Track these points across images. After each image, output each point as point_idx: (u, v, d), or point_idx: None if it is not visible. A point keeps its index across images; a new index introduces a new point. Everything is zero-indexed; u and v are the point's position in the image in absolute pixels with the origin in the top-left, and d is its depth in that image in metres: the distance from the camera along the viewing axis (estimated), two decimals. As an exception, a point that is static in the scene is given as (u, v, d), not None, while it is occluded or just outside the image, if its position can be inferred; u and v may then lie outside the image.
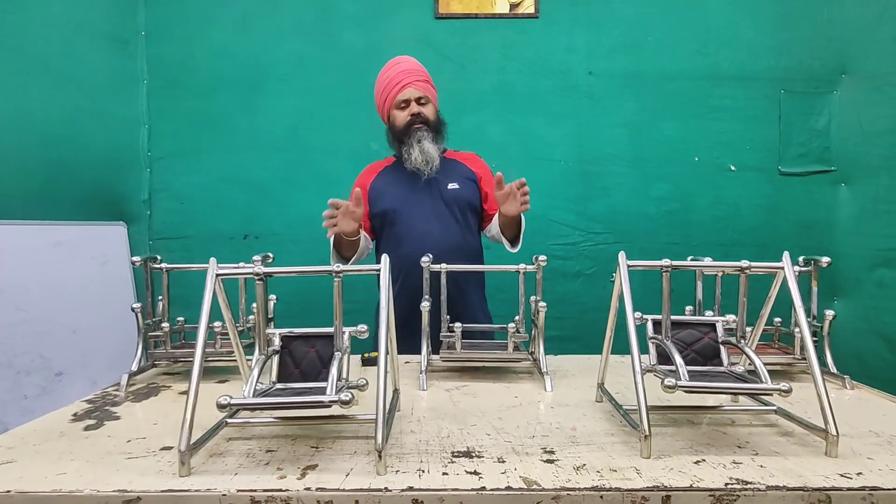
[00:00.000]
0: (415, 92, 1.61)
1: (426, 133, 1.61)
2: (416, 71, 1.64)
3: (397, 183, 1.66)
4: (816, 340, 1.18)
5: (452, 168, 1.69)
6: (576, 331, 2.36)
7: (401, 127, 1.63)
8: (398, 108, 1.64)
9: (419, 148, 1.59)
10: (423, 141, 1.59)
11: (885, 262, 2.24)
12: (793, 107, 2.35)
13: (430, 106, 1.66)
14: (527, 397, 1.07)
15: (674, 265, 0.91)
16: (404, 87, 1.61)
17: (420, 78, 1.64)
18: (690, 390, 0.79)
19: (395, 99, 1.62)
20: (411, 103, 1.62)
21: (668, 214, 2.40)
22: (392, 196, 1.64)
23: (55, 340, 2.00)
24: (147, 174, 2.35)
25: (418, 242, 1.54)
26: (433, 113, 1.66)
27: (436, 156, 1.60)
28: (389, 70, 1.65)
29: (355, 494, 0.67)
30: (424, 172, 1.60)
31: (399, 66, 1.64)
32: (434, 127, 1.64)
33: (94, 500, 0.68)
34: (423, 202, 1.62)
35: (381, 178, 1.71)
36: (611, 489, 0.68)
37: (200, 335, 0.78)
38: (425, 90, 1.64)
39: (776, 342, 1.28)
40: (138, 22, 2.32)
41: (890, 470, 0.72)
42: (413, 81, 1.62)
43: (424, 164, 1.59)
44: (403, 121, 1.63)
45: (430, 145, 1.60)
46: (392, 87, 1.62)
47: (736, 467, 0.74)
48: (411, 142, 1.60)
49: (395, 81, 1.61)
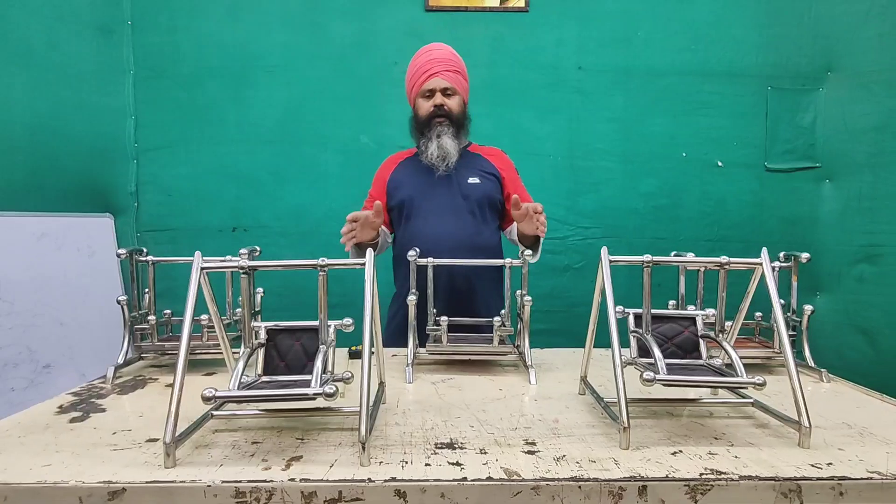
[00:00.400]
0: (441, 82, 1.57)
1: (447, 128, 1.57)
2: (447, 60, 1.59)
3: (416, 174, 1.62)
4: (795, 335, 1.21)
5: (474, 162, 1.65)
6: (564, 324, 2.38)
7: (423, 118, 1.60)
8: (423, 97, 1.60)
9: (437, 143, 1.55)
10: (443, 136, 1.56)
11: (865, 257, 2.28)
12: (779, 104, 2.38)
13: (457, 98, 1.60)
14: (511, 390, 1.08)
15: (655, 261, 0.93)
16: (431, 77, 1.56)
17: (450, 68, 1.58)
18: (668, 383, 0.81)
19: (422, 87, 1.58)
20: (436, 94, 1.57)
21: (655, 209, 2.42)
22: (410, 188, 1.60)
23: (42, 333, 1.99)
24: (134, 166, 2.33)
25: (433, 237, 1.52)
26: (458, 105, 1.61)
27: (453, 152, 1.56)
28: (420, 57, 1.60)
29: (339, 485, 0.69)
30: (440, 168, 1.57)
31: (430, 54, 1.59)
32: (456, 121, 1.60)
33: (79, 491, 0.68)
34: (440, 196, 1.58)
35: (401, 169, 1.68)
36: (589, 479, 0.69)
37: (185, 328, 0.78)
38: (454, 81, 1.58)
39: (757, 336, 1.30)
40: (124, 11, 2.29)
41: (859, 460, 0.75)
42: (441, 71, 1.56)
43: (440, 159, 1.56)
44: (426, 111, 1.59)
45: (450, 140, 1.56)
46: (420, 74, 1.58)
47: (711, 458, 0.76)
48: (430, 135, 1.57)
49: (424, 70, 1.57)
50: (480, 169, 1.64)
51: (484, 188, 1.60)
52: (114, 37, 2.26)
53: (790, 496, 0.69)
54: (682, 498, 0.69)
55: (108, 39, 2.25)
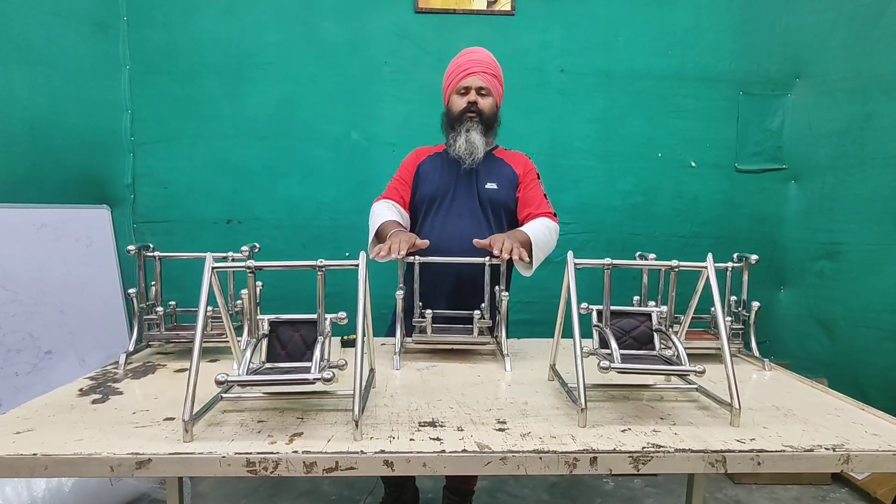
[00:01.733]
0: (477, 81, 1.62)
1: (476, 124, 1.62)
2: (486, 63, 1.64)
3: (440, 172, 1.68)
4: (743, 329, 1.34)
5: (496, 167, 1.69)
6: (544, 315, 2.51)
7: (455, 113, 1.65)
8: (458, 94, 1.65)
9: (466, 137, 1.60)
10: (472, 131, 1.60)
11: (826, 254, 2.44)
12: (750, 108, 2.51)
13: (490, 99, 1.65)
14: (489, 376, 1.21)
15: (614, 263, 1.05)
16: (469, 75, 1.61)
17: (488, 70, 1.63)
18: (621, 371, 0.93)
19: (458, 84, 1.63)
20: (471, 91, 1.62)
21: (632, 207, 2.55)
22: (432, 184, 1.66)
23: (43, 320, 2.08)
24: (130, 159, 2.40)
25: (447, 237, 1.58)
26: (491, 107, 1.66)
27: (480, 148, 1.61)
28: (461, 57, 1.66)
29: (335, 456, 0.80)
30: (465, 161, 1.61)
31: (471, 55, 1.64)
32: (486, 121, 1.65)
33: (111, 461, 0.79)
34: (459, 198, 1.64)
35: (428, 163, 1.73)
36: (548, 452, 0.82)
37: (199, 322, 0.89)
38: (489, 82, 1.63)
39: (712, 328, 1.43)
40: (120, 7, 2.35)
41: (778, 436, 0.88)
42: (479, 71, 1.62)
43: (468, 153, 1.60)
44: (459, 107, 1.64)
45: (478, 136, 1.61)
46: (458, 73, 1.63)
47: (655, 434, 0.88)
48: (460, 129, 1.62)
49: (463, 68, 1.62)
50: (500, 174, 1.68)
51: (500, 194, 1.65)
52: (110, 33, 2.32)
53: (716, 465, 0.82)
54: (627, 467, 0.82)
55: (105, 35, 2.31)
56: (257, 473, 0.79)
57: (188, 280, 1.75)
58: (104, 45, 2.31)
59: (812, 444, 0.85)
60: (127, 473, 0.79)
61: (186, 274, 1.84)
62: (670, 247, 2.55)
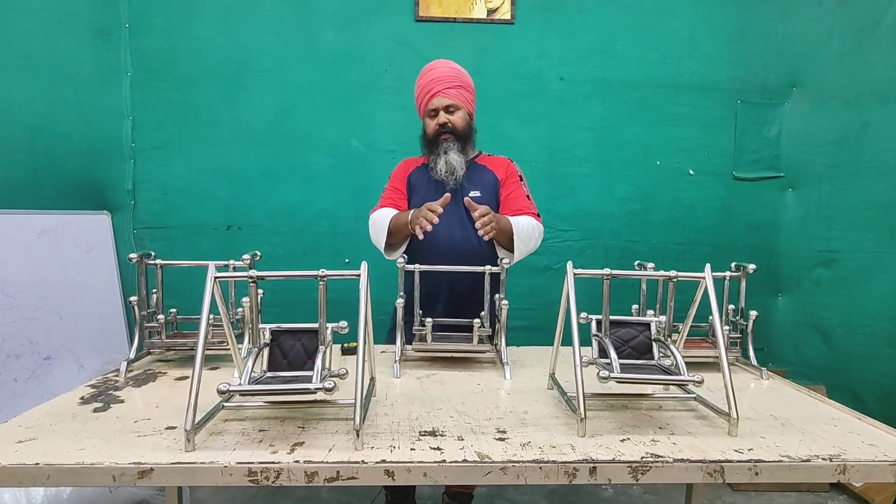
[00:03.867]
0: (443, 100, 1.64)
1: (452, 143, 1.64)
2: (447, 78, 1.65)
3: (427, 184, 1.71)
4: (741, 337, 1.35)
5: (479, 174, 1.72)
6: (542, 321, 2.52)
7: (429, 136, 1.68)
8: (429, 116, 1.68)
9: (444, 159, 1.63)
10: (449, 152, 1.63)
11: (823, 262, 2.46)
12: (747, 116, 2.53)
13: (461, 112, 1.67)
14: (488, 385, 1.21)
15: (613, 274, 1.06)
16: (433, 96, 1.64)
17: (451, 84, 1.64)
18: (620, 380, 0.94)
19: (426, 108, 1.66)
20: (440, 112, 1.65)
21: (630, 214, 2.56)
22: (422, 196, 1.68)
23: (42, 326, 2.08)
24: (131, 165, 2.40)
25: (439, 245, 1.61)
26: (462, 119, 1.67)
27: (459, 168, 1.63)
28: (423, 77, 1.67)
29: (337, 466, 0.81)
30: (449, 182, 1.64)
31: (431, 73, 1.65)
32: (462, 135, 1.67)
33: (113, 471, 0.79)
34: (447, 207, 1.63)
35: (416, 175, 1.75)
36: (548, 462, 0.82)
37: (201, 333, 0.89)
38: (455, 97, 1.65)
39: (710, 337, 1.44)
40: (121, 14, 2.36)
41: (776, 447, 0.89)
42: (443, 90, 1.63)
43: (449, 174, 1.63)
44: (432, 130, 1.67)
45: (456, 156, 1.63)
46: (423, 95, 1.66)
47: (654, 444, 0.89)
48: (438, 151, 1.64)
49: (426, 90, 1.64)
50: (484, 180, 1.70)
51: (484, 201, 1.64)
52: (111, 39, 2.33)
53: (714, 475, 0.83)
54: (626, 477, 0.83)
55: (106, 42, 2.31)
56: (259, 483, 0.79)
57: (187, 286, 1.76)
58: (105, 52, 2.32)
59: (809, 455, 0.86)
60: (129, 483, 0.79)
61: (186, 280, 1.84)
62: (668, 254, 2.57)
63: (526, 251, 1.63)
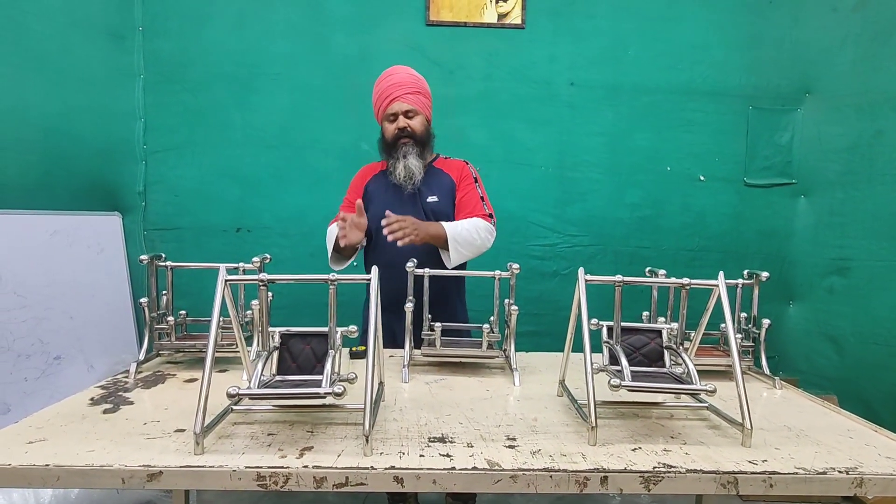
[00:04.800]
0: (402, 105, 1.67)
1: (411, 148, 1.67)
2: (406, 83, 1.68)
3: (385, 191, 1.73)
4: (753, 346, 1.34)
5: (435, 179, 1.74)
6: (551, 327, 2.51)
7: (388, 140, 1.71)
8: (387, 121, 1.71)
9: (403, 163, 1.65)
10: (408, 156, 1.66)
11: (836, 270, 2.43)
12: (759, 122, 2.51)
13: (420, 117, 1.70)
14: (497, 391, 1.20)
15: (625, 281, 1.05)
16: (393, 101, 1.67)
17: (410, 90, 1.68)
18: (632, 389, 0.93)
19: (385, 112, 1.69)
20: (399, 117, 1.68)
21: (640, 220, 2.55)
22: (380, 203, 1.70)
23: (52, 326, 2.09)
24: (142, 167, 2.42)
25: (399, 251, 1.58)
26: (421, 124, 1.70)
27: (418, 171, 1.66)
28: (382, 82, 1.70)
29: (346, 472, 0.80)
30: (407, 186, 1.67)
31: (390, 79, 1.68)
32: (420, 140, 1.69)
33: (122, 473, 0.79)
34: (405, 213, 1.65)
35: (374, 183, 1.79)
36: (559, 470, 0.81)
37: (212, 335, 0.89)
38: (414, 102, 1.68)
39: (721, 346, 1.42)
40: (135, 17, 2.38)
41: (791, 458, 0.87)
42: (402, 95, 1.66)
43: (408, 178, 1.66)
44: (391, 134, 1.69)
45: (415, 160, 1.66)
46: (382, 99, 1.69)
47: (666, 454, 0.88)
48: (397, 155, 1.67)
49: (385, 94, 1.68)
50: (440, 185, 1.73)
51: (441, 205, 1.70)
52: (125, 42, 2.35)
53: (728, 487, 0.82)
54: (638, 487, 0.82)
55: (120, 45, 2.34)
56: (267, 488, 0.79)
57: (197, 288, 1.77)
58: (118, 55, 2.34)
59: (825, 467, 0.84)
60: (138, 486, 0.79)
61: (195, 281, 1.85)
62: (678, 260, 2.55)
63: (470, 253, 1.63)
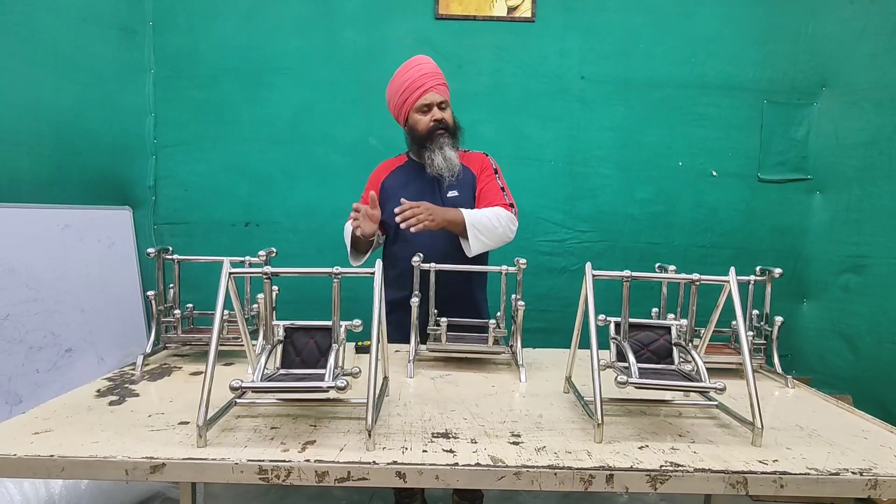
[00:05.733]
0: (437, 96, 1.62)
1: (447, 139, 1.63)
2: (437, 74, 1.64)
3: (405, 186, 1.69)
4: (765, 344, 1.31)
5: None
6: (559, 323, 2.49)
7: (423, 132, 1.64)
8: (419, 112, 1.64)
9: (442, 155, 1.61)
10: (445, 147, 1.62)
11: (851, 267, 2.38)
12: (774, 117, 2.46)
13: (449, 110, 1.67)
14: (503, 387, 1.19)
15: (633, 276, 1.03)
16: (427, 91, 1.61)
17: (440, 81, 1.64)
18: (639, 386, 0.91)
19: (417, 103, 1.62)
20: (433, 108, 1.62)
21: (651, 216, 2.51)
22: (398, 199, 1.64)
23: (64, 318, 2.11)
24: (153, 161, 2.44)
25: (419, 246, 1.58)
26: (451, 117, 1.68)
27: (457, 162, 1.63)
28: (409, 71, 1.63)
29: (348, 466, 0.80)
30: (446, 178, 1.63)
31: (420, 69, 1.62)
32: (453, 132, 1.66)
33: (126, 465, 0.79)
34: None
35: (392, 179, 1.75)
36: (563, 468, 0.80)
37: (215, 329, 0.89)
38: (444, 94, 1.65)
39: (733, 343, 1.40)
40: (146, 12, 2.39)
41: (802, 458, 0.85)
42: (435, 85, 1.62)
43: (448, 170, 1.62)
44: (426, 126, 1.63)
45: (452, 152, 1.62)
46: (413, 89, 1.62)
47: (673, 452, 0.86)
48: (434, 148, 1.62)
49: (417, 85, 1.61)
50: (461, 179, 1.69)
51: (462, 199, 1.66)
52: (136, 37, 2.36)
53: (737, 487, 0.80)
54: (644, 486, 0.80)
55: (131, 40, 2.35)
56: (269, 481, 0.79)
57: (206, 282, 1.76)
58: (129, 50, 2.35)
59: (838, 468, 0.82)
60: (141, 477, 0.79)
61: (204, 275, 1.85)
62: (689, 257, 2.51)
63: (492, 241, 1.58)
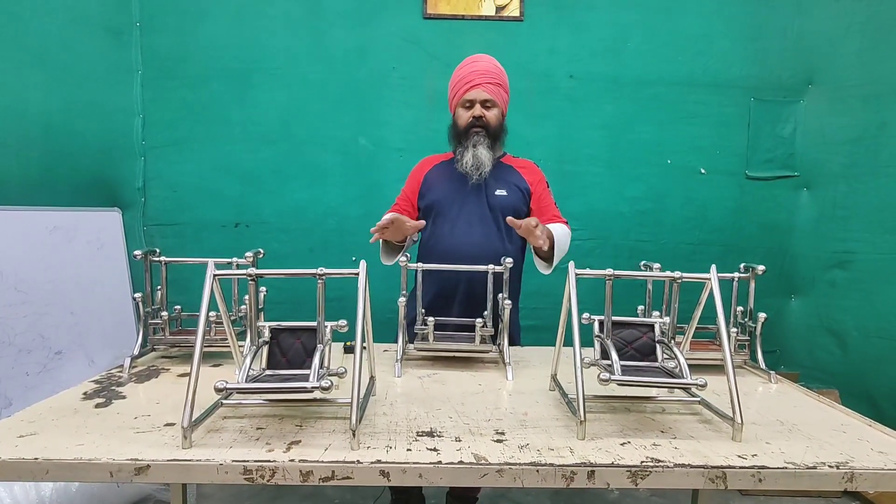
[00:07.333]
0: (481, 94, 1.59)
1: (483, 138, 1.60)
2: (489, 72, 1.61)
3: (449, 180, 1.67)
4: (749, 340, 1.32)
5: (505, 174, 1.67)
6: (550, 321, 2.43)
7: (461, 127, 1.63)
8: (463, 107, 1.63)
9: (472, 152, 1.59)
10: (479, 146, 1.59)
11: (838, 263, 2.40)
12: (761, 114, 2.48)
13: (496, 110, 1.63)
14: (490, 385, 1.20)
15: (616, 274, 1.04)
16: (473, 87, 1.59)
17: (492, 80, 1.61)
18: (621, 383, 0.93)
19: (462, 97, 1.61)
20: (476, 105, 1.61)
21: (640, 214, 2.53)
22: (440, 191, 1.66)
23: (53, 321, 2.10)
24: (141, 162, 2.43)
25: (457, 243, 1.58)
26: (496, 118, 1.64)
27: (488, 163, 1.59)
28: (464, 67, 1.63)
29: (332, 466, 0.80)
30: (473, 177, 1.60)
31: (474, 66, 1.61)
32: (493, 133, 1.63)
33: (110, 466, 0.80)
34: (468, 204, 1.62)
35: (435, 172, 1.72)
36: (546, 465, 0.81)
37: (200, 328, 0.90)
38: (494, 93, 1.61)
39: (717, 340, 1.41)
40: (133, 13, 2.38)
41: (781, 453, 0.87)
42: (483, 83, 1.59)
43: (475, 168, 1.59)
44: (465, 121, 1.62)
45: (485, 151, 1.59)
46: (462, 85, 1.61)
47: (654, 448, 0.87)
48: (467, 144, 1.60)
49: (466, 80, 1.60)
50: (510, 181, 1.66)
51: (510, 200, 1.63)
52: (123, 38, 2.35)
53: (716, 481, 0.81)
54: (625, 481, 0.81)
55: (118, 41, 2.34)
56: (254, 482, 0.79)
57: (195, 283, 1.76)
58: (117, 51, 2.34)
59: (815, 462, 0.84)
60: (126, 479, 0.79)
61: (194, 277, 1.85)
62: (679, 254, 2.53)
63: (559, 259, 1.58)
